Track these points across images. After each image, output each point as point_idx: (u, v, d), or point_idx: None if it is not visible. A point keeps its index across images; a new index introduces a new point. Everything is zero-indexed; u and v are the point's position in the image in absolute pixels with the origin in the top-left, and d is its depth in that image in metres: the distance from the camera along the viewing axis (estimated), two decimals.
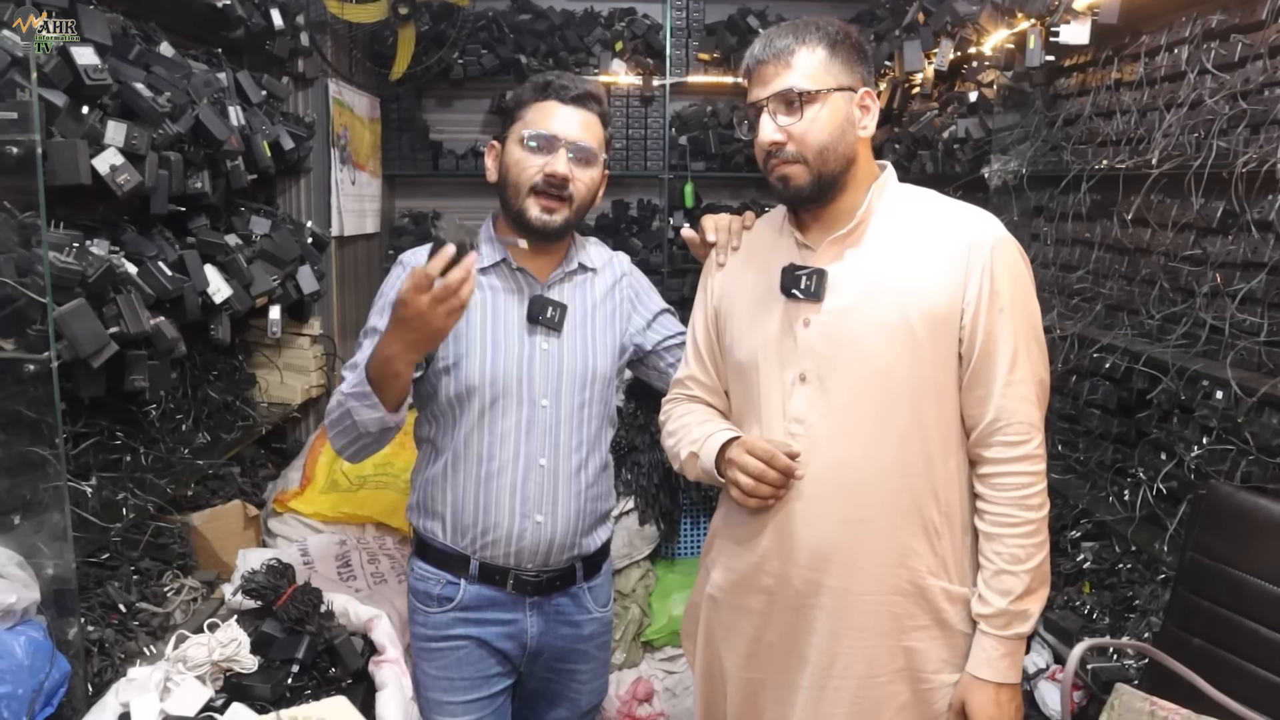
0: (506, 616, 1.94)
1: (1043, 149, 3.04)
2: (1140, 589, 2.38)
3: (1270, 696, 1.67)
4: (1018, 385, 1.61)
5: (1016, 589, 1.61)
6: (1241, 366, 2.10)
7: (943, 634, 1.68)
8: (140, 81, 2.11)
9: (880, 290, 1.64)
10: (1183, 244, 2.35)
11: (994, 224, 1.67)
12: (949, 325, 1.62)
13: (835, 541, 1.65)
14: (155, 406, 2.46)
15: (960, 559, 1.69)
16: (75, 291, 1.79)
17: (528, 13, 4.43)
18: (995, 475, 1.63)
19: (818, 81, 1.62)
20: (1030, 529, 1.62)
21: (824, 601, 1.68)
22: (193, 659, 1.98)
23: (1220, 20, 2.30)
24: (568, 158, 1.85)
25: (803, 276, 1.68)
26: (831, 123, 1.63)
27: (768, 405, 1.72)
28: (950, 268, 1.62)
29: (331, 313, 3.54)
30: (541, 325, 1.89)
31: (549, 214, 1.86)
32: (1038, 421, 1.63)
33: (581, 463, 1.93)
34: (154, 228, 2.30)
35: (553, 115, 1.87)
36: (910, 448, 1.64)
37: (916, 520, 1.65)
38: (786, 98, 1.62)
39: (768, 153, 1.67)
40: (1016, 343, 1.61)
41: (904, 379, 1.62)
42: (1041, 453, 1.63)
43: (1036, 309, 1.68)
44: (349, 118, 3.78)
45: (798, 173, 1.64)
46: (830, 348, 1.66)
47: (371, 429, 1.80)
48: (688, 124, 4.53)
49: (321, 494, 2.98)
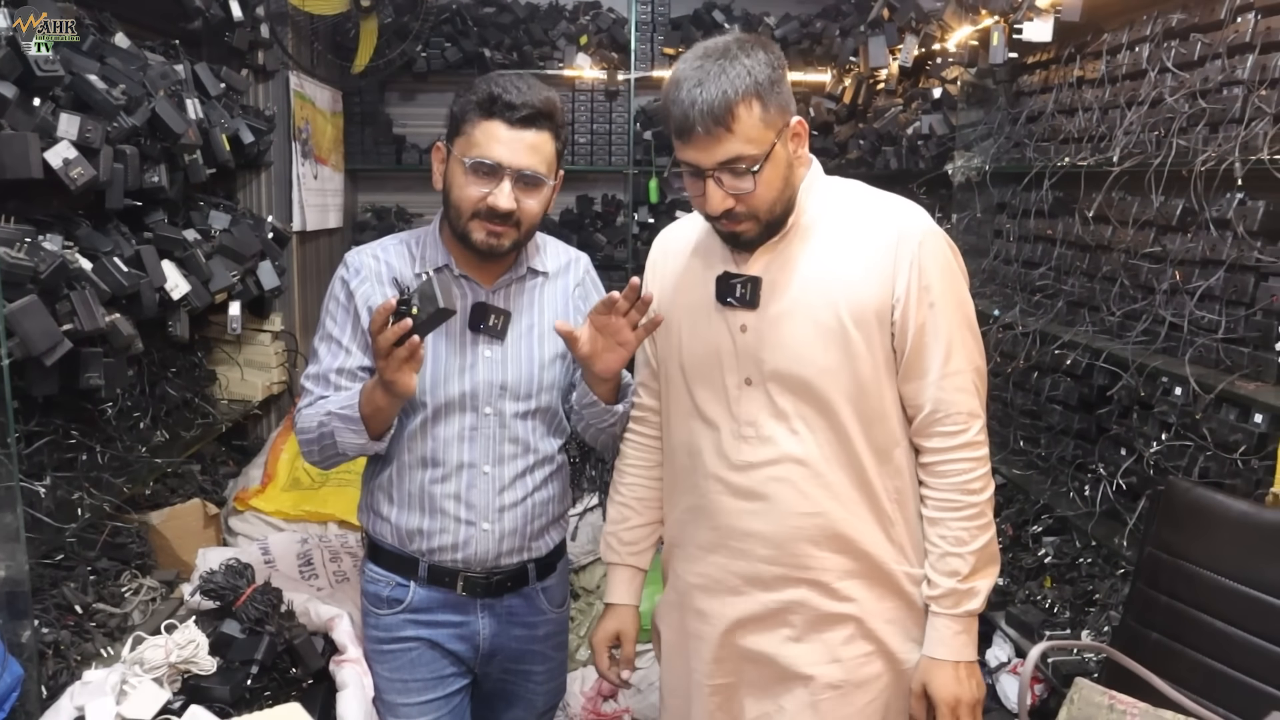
0: (457, 618, 1.92)
1: (1006, 146, 3.06)
2: (1100, 583, 2.41)
3: (1227, 688, 1.69)
4: (954, 376, 1.63)
5: (962, 570, 1.64)
6: (1200, 363, 2.13)
7: (910, 613, 1.71)
8: (94, 73, 2.07)
9: (812, 291, 1.64)
10: (1143, 241, 2.38)
11: (921, 216, 1.67)
12: (881, 321, 1.63)
13: (797, 535, 1.68)
14: (111, 404, 2.42)
15: (917, 542, 1.72)
16: (27, 288, 1.76)
17: (492, 6, 4.40)
18: (937, 464, 1.66)
19: (760, 143, 1.55)
20: (973, 512, 1.64)
21: (803, 594, 1.70)
22: (150, 661, 1.95)
23: (1180, 19, 2.33)
24: (511, 188, 1.74)
25: (737, 285, 1.68)
26: (778, 177, 1.59)
27: (716, 409, 1.72)
28: (880, 263, 1.62)
29: (293, 309, 3.50)
30: (484, 333, 1.86)
31: (495, 238, 1.77)
32: (977, 410, 1.65)
33: (527, 468, 1.90)
34: (109, 223, 2.26)
35: (497, 140, 1.73)
36: (856, 442, 1.66)
37: (870, 509, 1.68)
38: (734, 169, 1.56)
39: (716, 216, 1.62)
40: (950, 335, 1.62)
41: (843, 377, 1.63)
42: (982, 439, 1.66)
43: (968, 298, 1.68)
44: (310, 111, 3.73)
45: (748, 228, 1.63)
46: (769, 352, 1.66)
47: (351, 453, 1.81)
48: (653, 119, 4.53)
49: (283, 492, 2.95)
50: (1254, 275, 2.05)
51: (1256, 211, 2.04)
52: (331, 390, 1.84)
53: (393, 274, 1.87)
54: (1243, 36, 2.10)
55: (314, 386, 1.87)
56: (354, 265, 1.89)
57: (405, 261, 1.89)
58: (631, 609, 1.92)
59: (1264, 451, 1.93)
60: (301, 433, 1.85)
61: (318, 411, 1.81)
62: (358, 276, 1.88)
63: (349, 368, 1.85)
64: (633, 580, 1.93)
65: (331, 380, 1.85)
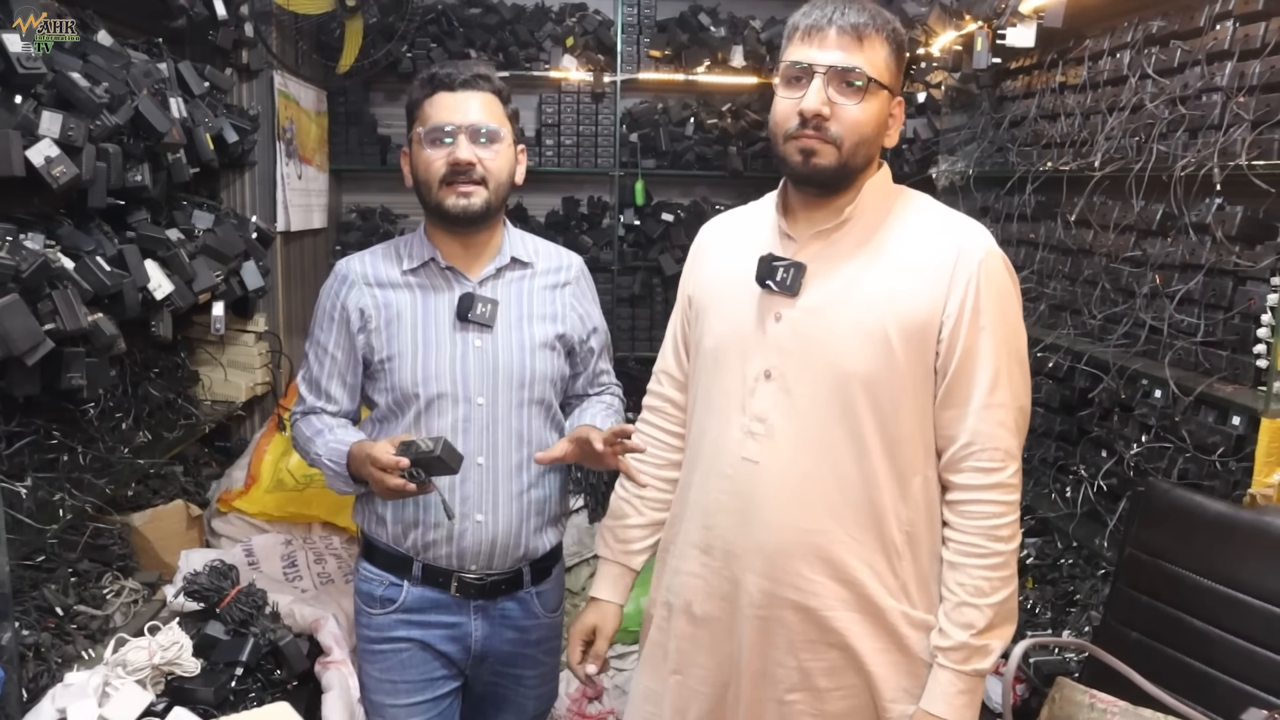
0: (449, 619, 1.93)
1: (989, 150, 3.09)
2: (1081, 584, 2.43)
3: (1206, 687, 1.71)
4: (995, 409, 1.51)
5: (979, 623, 1.51)
6: (1179, 366, 2.15)
7: (904, 660, 1.58)
8: (77, 71, 2.05)
9: (858, 291, 1.55)
10: (1124, 245, 2.40)
11: (984, 237, 1.58)
12: (925, 337, 1.52)
13: (791, 550, 1.57)
14: (94, 405, 2.40)
15: (925, 584, 1.58)
16: (9, 287, 1.75)
17: (478, 7, 4.39)
18: (965, 502, 1.54)
19: (881, 74, 1.52)
20: (998, 561, 1.52)
21: (783, 614, 1.60)
22: (133, 663, 1.94)
23: (1161, 26, 2.35)
24: (468, 143, 1.83)
25: (779, 268, 1.58)
26: (877, 118, 1.54)
27: (729, 400, 1.64)
28: (934, 277, 1.53)
29: (277, 309, 3.48)
30: (472, 323, 1.88)
31: (465, 198, 1.83)
32: (1014, 449, 1.53)
33: (522, 461, 1.91)
34: (92, 222, 2.24)
35: (444, 106, 1.84)
36: (873, 460, 1.54)
37: (875, 536, 1.56)
38: (850, 77, 1.50)
39: (800, 121, 1.52)
40: (998, 364, 1.51)
41: (872, 386, 1.53)
42: (1016, 482, 1.53)
43: (1022, 331, 1.58)
44: (295, 111, 3.72)
45: (828, 153, 1.52)
46: (799, 345, 1.57)
47: (341, 490, 1.90)
48: (639, 121, 4.53)
49: (267, 493, 2.94)
50: (1232, 279, 2.07)
51: (1235, 216, 2.06)
52: (321, 399, 1.94)
53: (378, 278, 1.91)
54: (1221, 43, 2.12)
55: (306, 392, 1.96)
56: (341, 273, 1.94)
57: (392, 263, 1.92)
58: (614, 606, 1.86)
59: (1242, 453, 1.95)
60: (295, 445, 1.98)
61: (309, 440, 1.91)
62: (345, 284, 1.92)
63: (336, 372, 1.94)
64: (621, 579, 1.87)
65: (321, 386, 1.94)
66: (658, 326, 4.63)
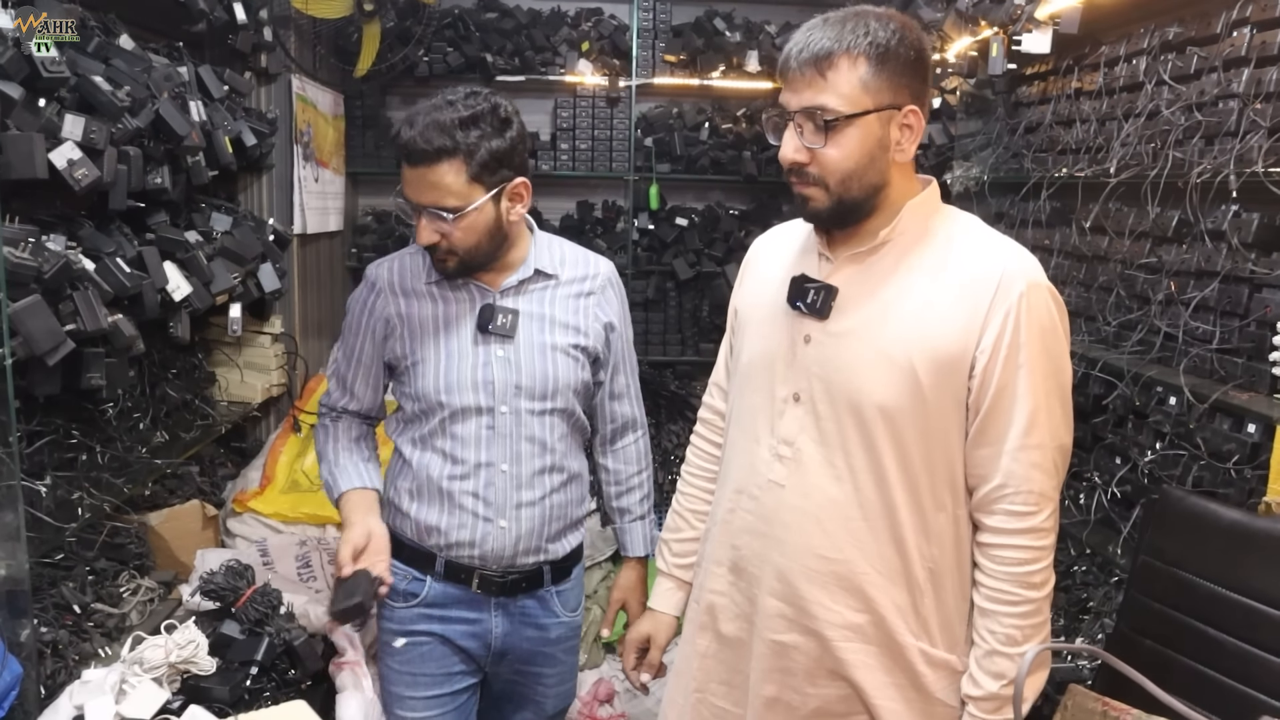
0: (471, 615, 1.94)
1: (1004, 156, 3.08)
2: (1094, 591, 2.42)
3: (1219, 695, 1.70)
4: (1032, 450, 1.43)
5: (1010, 673, 1.45)
6: (1194, 373, 2.14)
7: (918, 698, 1.53)
8: (99, 75, 2.08)
9: (888, 319, 1.48)
10: (1139, 252, 2.39)
11: (1030, 265, 1.48)
12: (956, 371, 1.45)
13: (810, 577, 1.54)
14: (112, 405, 2.43)
15: (949, 623, 1.53)
16: (31, 288, 1.77)
17: (494, 11, 4.42)
18: (996, 546, 1.47)
19: (852, 103, 1.42)
20: (1029, 609, 1.46)
21: (795, 640, 1.57)
22: (149, 661, 1.96)
23: (1177, 33, 2.35)
24: (428, 224, 1.79)
25: (810, 290, 1.54)
26: (860, 149, 1.45)
27: (757, 421, 1.61)
28: (970, 309, 1.44)
29: (293, 311, 3.50)
30: (494, 334, 1.89)
31: (442, 264, 1.85)
32: (1051, 492, 1.45)
33: (545, 468, 1.92)
34: (112, 224, 2.27)
35: (408, 179, 1.80)
36: (897, 492, 1.49)
37: (898, 571, 1.51)
38: (813, 118, 1.45)
39: (789, 168, 1.51)
40: (1036, 403, 1.43)
41: (893, 418, 1.47)
42: (1051, 525, 1.46)
43: (1066, 366, 1.49)
44: (312, 114, 3.74)
45: (816, 195, 1.49)
46: (827, 370, 1.52)
47: None
48: (653, 125, 4.54)
49: (282, 494, 2.96)
50: (1248, 286, 2.06)
51: (1251, 223, 2.05)
52: (346, 395, 2.00)
53: (404, 287, 1.92)
54: (1238, 50, 2.12)
55: (334, 387, 2.03)
56: (371, 279, 1.97)
57: (419, 271, 1.93)
58: (669, 617, 1.86)
59: (1257, 461, 1.94)
60: (314, 441, 2.08)
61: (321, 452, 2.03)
62: (374, 291, 1.95)
63: (363, 373, 1.99)
64: (675, 591, 1.85)
65: (348, 384, 2.00)
66: (671, 331, 4.64)
